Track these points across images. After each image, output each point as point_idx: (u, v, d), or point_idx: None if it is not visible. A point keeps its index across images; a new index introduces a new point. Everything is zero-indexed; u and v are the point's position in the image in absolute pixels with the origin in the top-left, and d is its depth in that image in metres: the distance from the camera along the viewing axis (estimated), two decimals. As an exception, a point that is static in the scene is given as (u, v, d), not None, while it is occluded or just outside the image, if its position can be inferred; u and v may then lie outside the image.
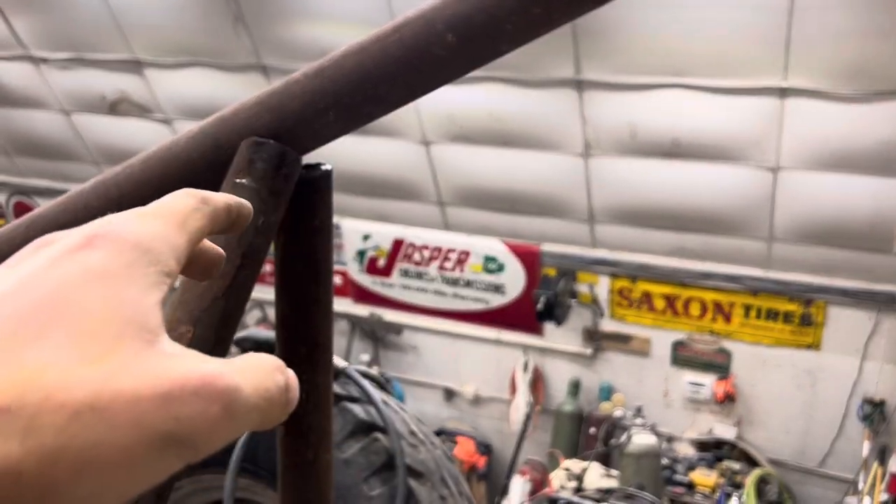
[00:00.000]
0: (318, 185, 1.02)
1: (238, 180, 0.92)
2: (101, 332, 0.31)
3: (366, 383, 2.70)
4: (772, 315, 7.16)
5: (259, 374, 0.34)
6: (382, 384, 2.96)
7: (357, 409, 2.68)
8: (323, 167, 1.02)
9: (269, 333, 2.73)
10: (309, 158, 0.99)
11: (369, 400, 2.68)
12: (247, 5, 7.19)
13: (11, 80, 9.04)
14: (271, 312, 8.90)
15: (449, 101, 6.84)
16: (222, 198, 0.44)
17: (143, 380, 0.30)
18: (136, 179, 1.02)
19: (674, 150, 6.45)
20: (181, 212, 0.40)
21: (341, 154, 7.24)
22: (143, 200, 0.99)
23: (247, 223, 0.47)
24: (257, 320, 9.03)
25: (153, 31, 7.81)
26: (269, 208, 0.94)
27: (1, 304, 0.31)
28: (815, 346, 7.11)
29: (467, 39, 0.87)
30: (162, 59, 7.98)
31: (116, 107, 8.72)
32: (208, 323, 0.88)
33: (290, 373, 0.37)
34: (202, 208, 0.41)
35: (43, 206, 1.08)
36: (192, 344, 0.87)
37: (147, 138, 8.39)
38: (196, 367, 0.32)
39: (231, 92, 7.63)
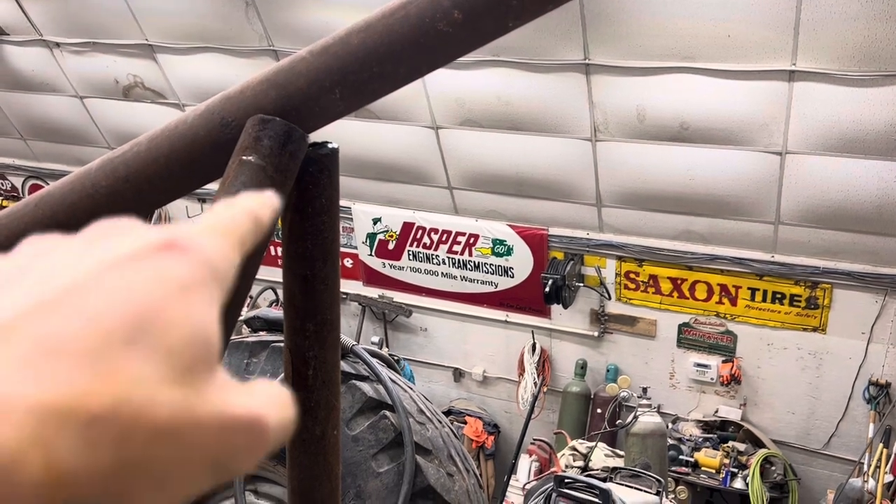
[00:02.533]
0: (324, 164, 1.02)
1: (244, 157, 0.93)
2: (183, 351, 0.31)
3: (374, 361, 2.75)
4: (777, 298, 7.18)
5: (283, 411, 0.35)
6: (391, 363, 3.01)
7: (366, 387, 2.72)
8: (329, 145, 1.02)
9: (278, 313, 2.79)
10: (317, 137, 1.00)
11: (377, 378, 2.73)
12: (257, -11, 7.23)
13: (26, 64, 9.11)
14: (282, 293, 8.99)
15: (458, 85, 6.87)
16: (268, 213, 0.43)
17: (212, 408, 0.31)
18: (143, 158, 1.02)
19: (681, 134, 6.46)
20: (240, 231, 0.39)
21: (352, 138, 7.29)
22: (152, 178, 1.04)
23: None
24: (270, 302, 9.12)
25: (166, 16, 7.86)
26: (275, 185, 0.93)
27: (88, 291, 0.31)
28: (820, 328, 7.14)
29: (473, 15, 0.86)
30: (175, 44, 8.03)
31: (130, 91, 8.79)
32: None
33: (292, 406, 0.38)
34: (254, 228, 0.41)
35: (51, 184, 1.07)
36: None
37: (160, 122, 8.44)
38: (249, 402, 0.33)
39: (242, 76, 7.56)
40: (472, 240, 8.25)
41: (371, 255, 8.84)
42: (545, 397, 8.26)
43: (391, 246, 8.70)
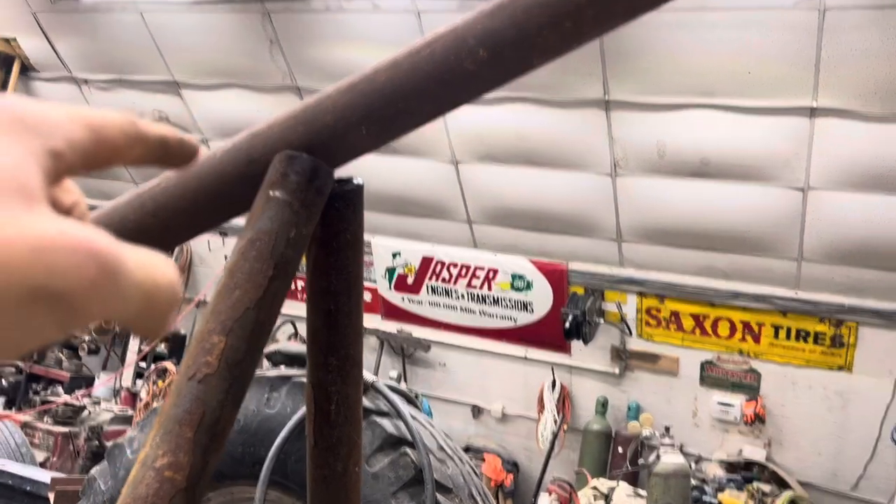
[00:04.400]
0: (350, 199, 1.03)
1: (271, 193, 0.94)
2: None
3: (395, 398, 2.72)
4: (802, 335, 7.08)
5: (148, 258, 0.33)
6: (411, 399, 2.99)
7: (386, 424, 2.70)
8: (355, 181, 1.03)
9: (299, 347, 2.78)
10: (339, 171, 1.01)
11: (398, 414, 2.70)
12: (282, 28, 7.36)
13: (56, 101, 9.30)
14: (303, 328, 8.99)
15: (478, 121, 6.91)
16: (159, 129, 0.43)
17: (17, 231, 0.29)
18: (171, 193, 1.03)
19: (702, 170, 6.44)
20: (95, 117, 0.38)
21: (372, 172, 7.32)
22: (179, 213, 1.05)
23: (191, 158, 0.46)
24: (289, 336, 9.13)
25: (191, 53, 8.02)
26: (301, 221, 0.95)
27: None
28: (846, 367, 7.01)
29: (498, 54, 0.87)
30: (199, 80, 8.17)
31: (154, 126, 8.93)
32: (240, 333, 0.89)
33: (177, 274, 0.36)
34: (124, 126, 0.40)
35: None
36: (223, 354, 0.87)
37: (182, 157, 8.57)
38: (77, 228, 0.31)
39: (266, 112, 7.75)
40: (491, 274, 8.23)
41: (390, 288, 8.84)
42: (565, 435, 8.15)
43: (410, 280, 8.70)
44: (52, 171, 0.34)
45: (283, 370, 2.65)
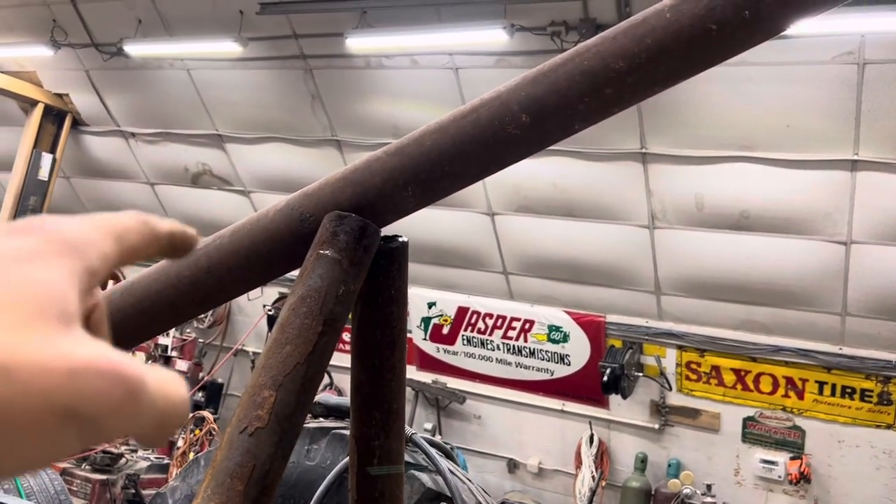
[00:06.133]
0: (395, 256, 1.06)
1: (321, 251, 0.97)
2: (19, 305, 0.32)
3: (433, 451, 2.71)
4: (847, 392, 6.89)
5: (164, 377, 0.35)
6: (448, 452, 2.97)
7: (424, 478, 2.67)
8: (400, 239, 1.07)
9: (338, 399, 2.79)
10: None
11: (437, 469, 2.68)
12: (324, 84, 7.56)
13: (104, 153, 9.62)
14: (337, 378, 9.02)
15: (514, 173, 6.94)
16: (167, 225, 0.45)
17: (55, 354, 0.31)
18: (225, 249, 1.06)
19: (742, 223, 6.39)
20: (118, 226, 0.41)
21: (407, 223, 7.36)
22: (232, 269, 1.09)
23: (191, 248, 0.48)
24: (324, 386, 9.14)
25: (235, 107, 8.26)
26: (349, 278, 0.98)
27: None
28: (895, 425, 6.79)
29: (541, 119, 0.91)
30: (242, 133, 8.39)
31: (198, 178, 9.16)
32: (290, 388, 0.91)
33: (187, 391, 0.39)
34: (141, 230, 0.42)
35: (136, 274, 1.12)
36: (273, 408, 0.90)
37: (226, 208, 8.76)
38: (107, 353, 0.33)
39: (306, 165, 7.95)
40: (527, 325, 8.19)
41: (425, 339, 8.83)
42: (604, 492, 7.97)
43: (445, 330, 8.69)
44: (87, 288, 0.36)
45: (322, 422, 2.66)
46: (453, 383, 8.82)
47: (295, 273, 1.03)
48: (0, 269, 0.33)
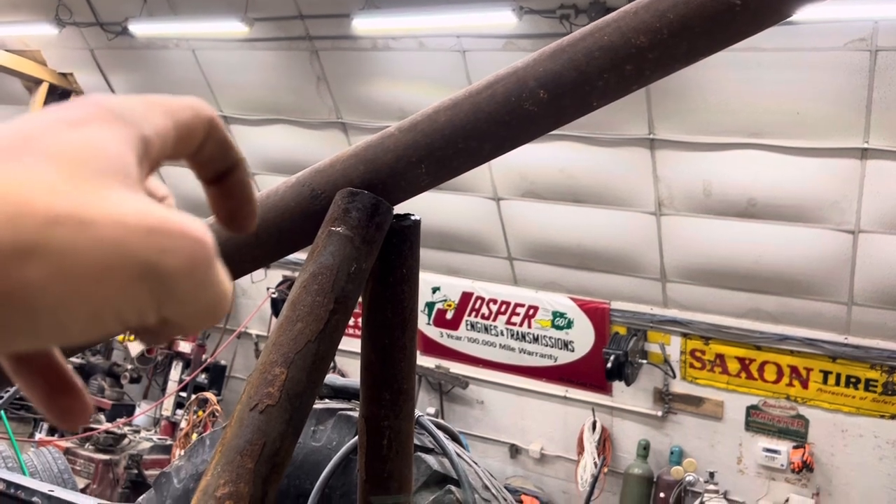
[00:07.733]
0: (407, 235, 1.05)
1: (333, 228, 0.96)
2: (84, 163, 0.31)
3: (440, 434, 2.70)
4: (852, 382, 6.88)
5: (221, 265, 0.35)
6: (455, 436, 2.96)
7: (431, 460, 2.67)
8: (412, 217, 1.05)
9: (344, 380, 2.77)
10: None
11: (443, 451, 2.67)
12: (329, 66, 7.52)
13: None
14: (341, 361, 9.03)
15: (521, 157, 6.93)
16: (222, 125, 0.44)
17: (131, 209, 0.30)
18: None
19: (749, 210, 6.36)
20: (170, 103, 0.40)
21: (412, 207, 7.38)
22: (241, 246, 1.07)
23: (250, 215, 0.47)
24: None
25: (240, 89, 8.22)
26: (361, 255, 0.96)
27: (6, 129, 0.32)
28: (899, 416, 6.79)
29: (559, 96, 0.89)
30: (247, 115, 8.36)
31: (203, 160, 9.14)
32: (301, 365, 0.90)
33: None
34: (195, 109, 0.42)
35: None
36: (285, 385, 0.88)
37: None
38: (183, 215, 0.32)
39: (312, 147, 7.92)
40: (531, 311, 8.18)
41: (429, 323, 8.84)
42: (606, 478, 7.99)
43: (449, 315, 8.69)
44: (144, 158, 0.35)
45: (329, 403, 2.66)
46: (456, 368, 8.83)
47: (300, 255, 1.01)
48: (58, 133, 0.32)
